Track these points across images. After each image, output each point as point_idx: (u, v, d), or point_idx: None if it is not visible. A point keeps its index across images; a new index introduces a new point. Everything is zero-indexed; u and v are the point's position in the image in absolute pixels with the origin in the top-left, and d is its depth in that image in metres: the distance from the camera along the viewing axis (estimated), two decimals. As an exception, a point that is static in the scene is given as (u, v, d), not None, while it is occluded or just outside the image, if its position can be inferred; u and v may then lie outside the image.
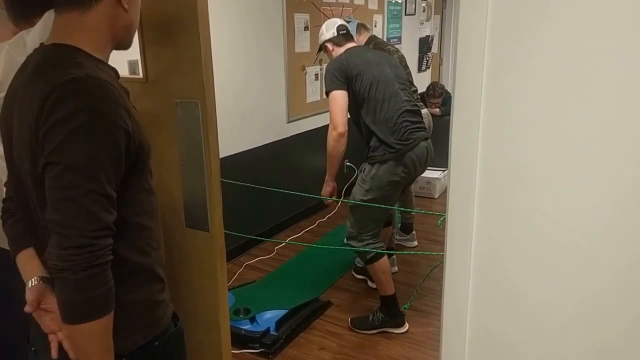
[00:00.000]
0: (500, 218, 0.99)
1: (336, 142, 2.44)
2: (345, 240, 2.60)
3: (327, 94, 2.48)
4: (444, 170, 4.42)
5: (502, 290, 1.02)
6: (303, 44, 3.77)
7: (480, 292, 1.05)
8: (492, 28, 0.90)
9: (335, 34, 2.66)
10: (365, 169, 2.53)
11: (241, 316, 2.54)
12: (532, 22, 0.87)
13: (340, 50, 2.65)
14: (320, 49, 2.81)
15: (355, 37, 3.14)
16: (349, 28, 3.12)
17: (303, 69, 3.83)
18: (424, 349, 2.44)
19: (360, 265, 3.21)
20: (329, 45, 2.69)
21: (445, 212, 1.06)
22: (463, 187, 1.00)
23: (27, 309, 1.03)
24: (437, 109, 4.53)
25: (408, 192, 3.52)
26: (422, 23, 5.69)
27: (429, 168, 4.25)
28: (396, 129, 2.43)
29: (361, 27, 3.20)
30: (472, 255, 1.03)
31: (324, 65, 4.06)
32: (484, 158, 0.97)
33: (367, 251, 2.47)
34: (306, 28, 3.77)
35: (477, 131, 0.96)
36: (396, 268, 3.18)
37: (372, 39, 3.16)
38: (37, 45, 1.04)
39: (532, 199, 0.95)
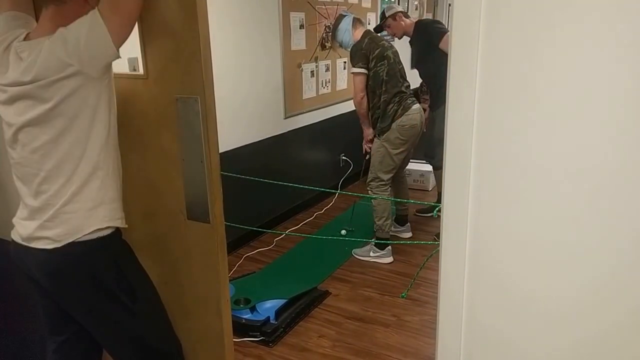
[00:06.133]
0: (495, 208, 1.00)
1: None
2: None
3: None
4: (437, 164, 4.48)
5: (497, 278, 1.04)
6: (299, 41, 3.81)
7: (476, 281, 1.06)
8: (487, 20, 0.91)
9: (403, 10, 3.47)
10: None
11: (241, 306, 2.58)
12: (527, 15, 0.88)
13: (409, 22, 3.47)
14: (384, 19, 3.49)
15: (351, 31, 3.19)
16: (347, 21, 3.19)
17: (299, 66, 3.87)
18: (420, 336, 2.49)
19: (357, 257, 3.29)
20: (402, 15, 3.47)
21: (438, 204, 1.08)
22: (458, 178, 1.02)
23: None
24: None
25: (403, 185, 3.58)
26: (415, 20, 5.73)
27: (422, 162, 4.33)
28: None
29: (357, 21, 3.24)
30: (467, 244, 1.05)
31: (320, 62, 4.12)
32: (478, 149, 0.99)
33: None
34: (301, 26, 3.81)
35: (472, 123, 0.97)
36: (392, 258, 3.25)
37: (367, 33, 3.20)
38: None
39: (526, 189, 0.96)
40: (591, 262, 0.95)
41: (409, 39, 3.56)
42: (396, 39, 3.66)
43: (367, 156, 3.47)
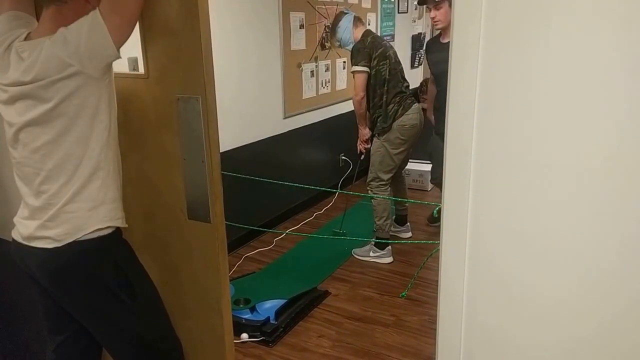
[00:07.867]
0: (495, 208, 1.00)
1: None
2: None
3: None
4: (436, 164, 4.48)
5: (497, 278, 1.04)
6: (299, 41, 3.82)
7: (476, 281, 1.06)
8: (487, 20, 0.92)
9: None
10: None
11: (241, 306, 2.59)
12: (527, 15, 0.89)
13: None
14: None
15: (352, 30, 3.19)
16: (348, 19, 3.19)
17: (299, 66, 3.88)
18: (420, 336, 2.50)
19: (357, 257, 3.29)
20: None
21: (438, 204, 1.09)
22: (458, 178, 1.02)
23: None
24: None
25: (402, 185, 3.58)
26: (415, 21, 5.74)
27: (421, 162, 4.35)
28: None
29: (358, 20, 3.24)
30: (468, 244, 1.05)
31: (320, 62, 4.12)
32: (478, 149, 0.99)
33: None
34: (301, 26, 3.82)
35: (472, 123, 0.98)
36: (392, 258, 3.25)
37: (369, 33, 3.20)
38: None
39: (526, 189, 0.96)
40: (591, 260, 0.95)
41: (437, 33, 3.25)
42: (394, 39, 3.64)
43: (362, 156, 3.47)
